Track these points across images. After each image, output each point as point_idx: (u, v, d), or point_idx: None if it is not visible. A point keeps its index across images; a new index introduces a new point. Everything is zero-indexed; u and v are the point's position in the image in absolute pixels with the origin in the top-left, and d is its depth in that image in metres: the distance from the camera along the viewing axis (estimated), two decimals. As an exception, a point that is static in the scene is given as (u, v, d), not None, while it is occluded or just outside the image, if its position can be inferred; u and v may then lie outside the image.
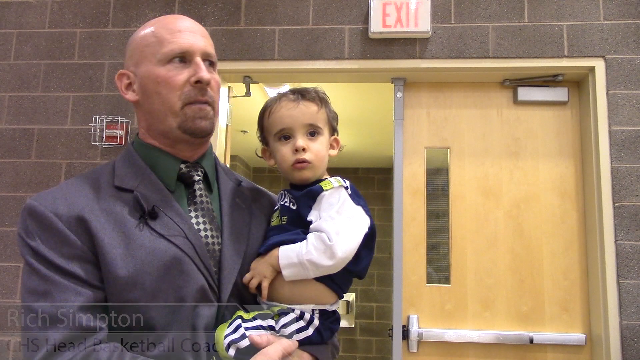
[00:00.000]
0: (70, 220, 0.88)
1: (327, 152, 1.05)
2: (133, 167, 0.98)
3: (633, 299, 2.01)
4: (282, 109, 1.03)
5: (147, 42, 0.98)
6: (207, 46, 0.99)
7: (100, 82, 2.34)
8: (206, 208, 0.99)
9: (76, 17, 2.41)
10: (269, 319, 0.93)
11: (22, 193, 2.29)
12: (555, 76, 2.25)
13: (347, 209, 0.96)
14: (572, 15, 2.21)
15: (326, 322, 0.97)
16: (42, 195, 0.92)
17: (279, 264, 0.93)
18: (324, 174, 1.05)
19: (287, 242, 0.95)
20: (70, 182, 0.97)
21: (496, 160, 2.29)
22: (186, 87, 0.95)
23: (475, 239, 2.24)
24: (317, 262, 0.91)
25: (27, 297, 0.86)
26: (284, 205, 1.03)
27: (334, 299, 0.98)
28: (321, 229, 0.92)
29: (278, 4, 2.33)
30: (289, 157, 1.01)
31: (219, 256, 0.96)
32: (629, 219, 2.06)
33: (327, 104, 1.06)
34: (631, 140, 2.11)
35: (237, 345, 0.87)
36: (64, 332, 0.82)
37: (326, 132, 1.04)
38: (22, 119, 2.35)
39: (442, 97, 2.36)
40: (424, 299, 2.22)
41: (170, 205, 0.94)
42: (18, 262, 2.24)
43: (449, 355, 2.18)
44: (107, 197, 0.93)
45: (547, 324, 2.17)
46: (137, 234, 0.89)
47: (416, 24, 2.21)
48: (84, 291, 0.85)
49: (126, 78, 1.01)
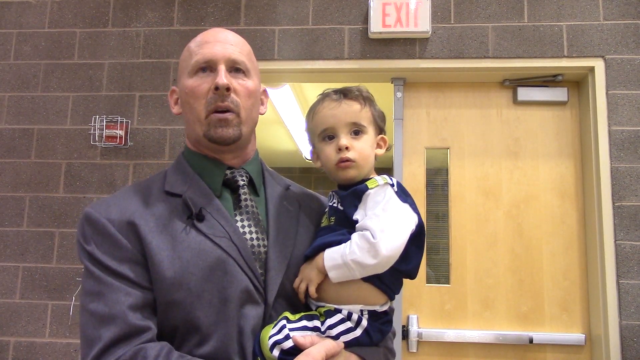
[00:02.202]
0: (122, 225, 0.92)
1: (372, 151, 1.03)
2: (182, 174, 1.02)
3: (632, 299, 2.01)
4: (325, 109, 1.03)
5: (183, 58, 1.04)
6: (233, 53, 1.00)
7: (100, 82, 2.34)
8: (251, 212, 1.00)
9: (76, 17, 2.41)
10: (315, 320, 0.92)
11: (22, 193, 2.29)
12: (555, 76, 2.25)
13: (393, 206, 0.94)
14: (571, 16, 2.21)
15: (376, 323, 0.95)
16: (98, 203, 0.97)
17: (324, 266, 0.92)
18: (371, 173, 1.04)
19: (333, 243, 0.94)
20: (124, 189, 1.02)
21: (496, 160, 2.29)
22: (209, 94, 0.97)
23: (475, 239, 2.24)
24: (361, 262, 0.89)
25: (84, 298, 0.91)
26: (332, 205, 1.02)
27: (383, 300, 0.96)
28: (366, 227, 0.91)
29: (278, 4, 2.33)
30: (333, 157, 1.00)
31: (265, 258, 0.96)
32: (629, 219, 2.06)
33: (371, 103, 1.05)
34: (631, 140, 2.11)
35: (281, 346, 0.87)
36: (115, 330, 0.85)
37: (371, 131, 1.03)
38: (21, 119, 2.35)
39: (442, 97, 2.36)
40: (424, 299, 2.22)
41: (216, 208, 0.97)
42: (18, 262, 2.23)
43: (449, 355, 2.18)
44: (157, 202, 0.97)
45: (546, 324, 2.17)
46: (184, 236, 0.92)
47: (416, 24, 2.21)
48: (134, 292, 0.89)
49: (175, 94, 1.08)
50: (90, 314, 0.88)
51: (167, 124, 2.29)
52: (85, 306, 0.90)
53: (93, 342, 0.86)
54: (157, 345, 0.87)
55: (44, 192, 2.28)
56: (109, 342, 0.85)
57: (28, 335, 2.18)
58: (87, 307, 0.89)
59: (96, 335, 0.86)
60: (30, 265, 2.23)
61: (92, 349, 0.85)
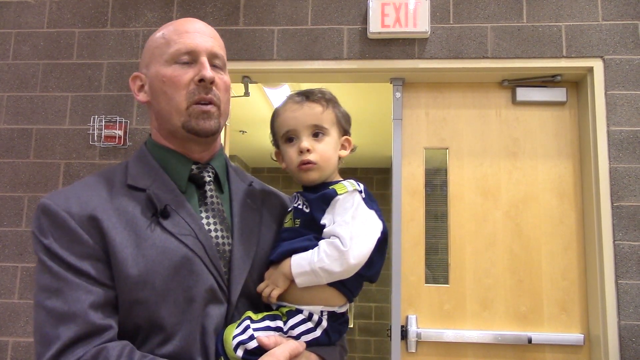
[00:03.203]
0: (83, 219, 0.88)
1: (335, 153, 1.03)
2: (146, 167, 0.99)
3: (631, 299, 2.01)
4: (287, 111, 1.03)
5: (157, 44, 1.00)
6: (214, 47, 0.99)
7: (98, 82, 2.34)
8: (217, 209, 0.99)
9: (75, 17, 2.41)
10: (278, 320, 0.93)
11: (21, 193, 2.29)
12: (553, 76, 2.25)
13: (361, 213, 0.95)
14: (570, 16, 2.21)
15: (335, 323, 0.96)
16: (56, 194, 0.92)
17: (292, 272, 0.92)
18: (335, 175, 1.05)
19: (299, 249, 0.94)
20: (83, 181, 0.98)
21: (495, 160, 2.29)
22: (191, 85, 0.96)
23: (473, 239, 2.25)
24: (329, 270, 0.90)
25: (39, 294, 0.87)
26: (297, 207, 1.02)
27: (343, 302, 0.98)
28: (335, 234, 0.92)
29: (277, 4, 2.33)
30: (295, 159, 1.01)
31: (230, 257, 0.96)
32: (628, 219, 2.06)
33: (334, 105, 1.05)
34: (629, 140, 2.11)
35: (245, 346, 0.87)
36: (75, 329, 0.83)
37: (334, 133, 1.03)
38: (20, 119, 2.35)
39: (441, 98, 2.36)
40: (423, 299, 2.22)
41: (182, 205, 0.95)
42: (17, 263, 2.23)
43: (448, 355, 2.18)
44: (119, 196, 0.93)
45: (545, 324, 2.17)
46: (149, 233, 0.90)
47: (415, 24, 2.21)
48: (95, 289, 0.86)
49: (139, 80, 1.03)
50: (47, 312, 0.84)
51: (166, 124, 2.29)
52: (40, 303, 0.85)
53: (51, 342, 0.82)
54: (119, 344, 0.84)
55: (42, 192, 2.28)
56: (68, 341, 0.82)
57: (27, 335, 2.18)
58: (43, 304, 0.85)
59: (54, 334, 0.82)
60: (29, 266, 2.23)
61: (49, 348, 0.82)
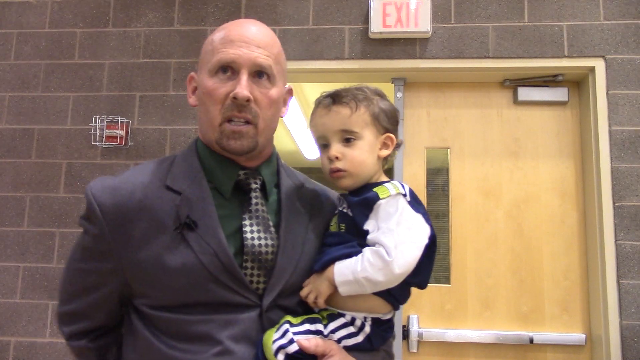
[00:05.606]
0: (116, 220, 0.91)
1: (371, 156, 0.97)
2: (189, 168, 0.97)
3: (633, 299, 2.01)
4: (316, 117, 1.01)
5: (206, 50, 0.97)
6: (259, 57, 0.93)
7: (100, 82, 2.34)
8: (261, 217, 0.96)
9: (76, 17, 2.41)
10: (318, 323, 0.91)
11: (22, 193, 2.29)
12: (555, 76, 2.25)
13: (407, 219, 0.90)
14: (572, 16, 2.21)
15: (378, 329, 0.94)
16: (105, 187, 0.94)
17: (334, 281, 0.90)
18: (379, 176, 1.00)
19: (342, 257, 0.91)
20: (133, 172, 1.00)
21: (496, 160, 2.29)
22: (227, 100, 0.92)
23: (475, 239, 2.24)
24: (373, 279, 0.87)
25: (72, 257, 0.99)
26: (342, 211, 0.99)
27: (388, 309, 0.95)
28: (379, 242, 0.88)
29: (278, 4, 2.33)
30: (326, 166, 0.98)
31: (272, 265, 0.93)
32: (629, 219, 2.06)
33: (368, 103, 0.98)
34: (631, 140, 2.11)
35: (285, 350, 0.86)
36: (80, 325, 0.98)
37: (368, 134, 0.97)
38: (22, 119, 2.35)
39: (442, 97, 2.36)
40: (424, 299, 2.22)
41: (209, 216, 0.92)
42: (19, 262, 2.24)
43: (449, 355, 2.17)
44: (155, 198, 0.93)
45: (547, 324, 2.16)
46: (170, 245, 0.89)
47: (416, 24, 2.21)
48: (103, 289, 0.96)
49: (194, 82, 1.01)
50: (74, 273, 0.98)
51: (167, 124, 2.29)
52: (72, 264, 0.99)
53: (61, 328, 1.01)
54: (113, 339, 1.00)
55: (44, 192, 2.28)
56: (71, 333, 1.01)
57: (29, 335, 2.18)
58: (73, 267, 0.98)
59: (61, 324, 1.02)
60: (31, 265, 2.23)
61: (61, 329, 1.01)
